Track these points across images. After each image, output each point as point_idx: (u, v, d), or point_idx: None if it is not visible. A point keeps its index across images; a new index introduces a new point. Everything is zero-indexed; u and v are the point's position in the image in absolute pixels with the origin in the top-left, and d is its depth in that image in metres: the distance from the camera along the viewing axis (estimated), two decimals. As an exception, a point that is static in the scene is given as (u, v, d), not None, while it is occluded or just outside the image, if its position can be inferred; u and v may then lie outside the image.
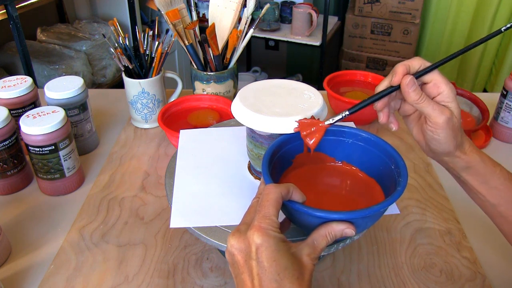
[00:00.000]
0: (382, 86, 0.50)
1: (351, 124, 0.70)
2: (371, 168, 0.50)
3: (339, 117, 0.47)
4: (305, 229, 0.43)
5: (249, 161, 0.60)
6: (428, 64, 0.48)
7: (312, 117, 0.49)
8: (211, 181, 0.58)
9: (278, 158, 0.49)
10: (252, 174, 0.59)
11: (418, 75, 0.48)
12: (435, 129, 0.48)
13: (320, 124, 0.48)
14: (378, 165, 0.48)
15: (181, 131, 0.67)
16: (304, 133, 0.48)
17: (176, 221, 0.52)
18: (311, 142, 0.48)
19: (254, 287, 0.37)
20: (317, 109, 0.51)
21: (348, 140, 0.50)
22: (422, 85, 0.49)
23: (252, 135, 0.54)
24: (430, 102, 0.47)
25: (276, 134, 0.51)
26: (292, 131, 0.49)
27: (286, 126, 0.49)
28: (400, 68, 0.48)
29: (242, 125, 0.52)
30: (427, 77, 0.48)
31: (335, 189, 0.51)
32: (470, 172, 0.51)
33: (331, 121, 0.48)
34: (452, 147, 0.49)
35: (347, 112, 0.47)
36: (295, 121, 0.49)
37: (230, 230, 0.51)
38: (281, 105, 0.51)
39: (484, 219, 0.69)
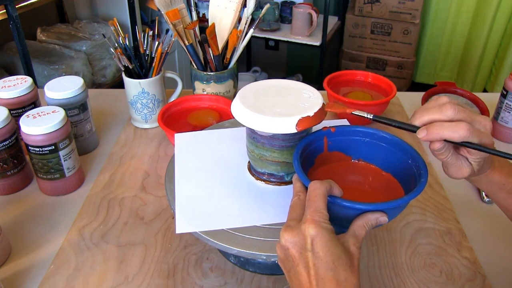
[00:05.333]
0: (424, 118, 0.44)
1: (345, 121, 0.70)
2: (387, 165, 0.53)
3: (364, 114, 0.49)
4: (341, 222, 0.46)
5: (249, 162, 0.60)
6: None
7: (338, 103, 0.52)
8: (211, 184, 0.58)
9: (303, 159, 0.51)
10: (253, 175, 0.59)
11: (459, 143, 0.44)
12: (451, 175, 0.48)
13: (347, 111, 0.50)
14: (394, 161, 0.51)
15: (176, 134, 0.67)
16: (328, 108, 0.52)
17: (182, 227, 0.51)
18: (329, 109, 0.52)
19: (310, 277, 0.39)
20: (317, 109, 0.50)
21: (364, 139, 0.53)
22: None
23: (253, 135, 0.54)
24: (453, 160, 0.46)
25: (279, 134, 0.51)
26: (295, 130, 0.49)
27: (287, 126, 0.49)
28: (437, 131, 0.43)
29: (238, 126, 0.52)
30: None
31: (358, 184, 0.53)
32: (495, 187, 0.51)
33: (356, 112, 0.49)
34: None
35: (371, 116, 0.48)
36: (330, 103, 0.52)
37: (232, 231, 0.51)
38: (281, 105, 0.51)
39: (484, 219, 0.69)
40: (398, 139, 0.51)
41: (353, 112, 0.49)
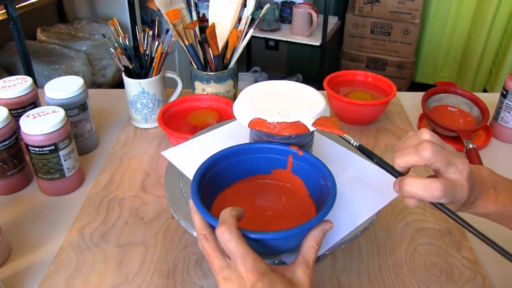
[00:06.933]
0: (401, 163, 0.43)
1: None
2: (315, 193, 0.50)
3: (351, 140, 0.47)
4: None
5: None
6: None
7: (329, 120, 0.50)
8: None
9: (253, 164, 0.51)
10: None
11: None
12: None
13: (336, 131, 0.48)
14: (317, 185, 0.49)
15: (162, 152, 0.64)
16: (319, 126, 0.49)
17: (168, 154, 0.59)
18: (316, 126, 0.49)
19: None
20: (319, 110, 0.50)
21: (322, 183, 0.49)
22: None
23: (254, 137, 0.54)
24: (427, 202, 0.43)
25: (277, 136, 0.51)
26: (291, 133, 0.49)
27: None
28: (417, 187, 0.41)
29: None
30: None
31: (272, 205, 0.52)
32: (491, 217, 0.48)
33: (345, 135, 0.47)
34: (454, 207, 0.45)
35: (358, 144, 0.46)
36: (315, 119, 0.49)
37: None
38: (283, 107, 0.51)
39: (484, 219, 0.69)
40: (315, 160, 0.49)
41: (341, 136, 0.47)
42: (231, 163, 0.51)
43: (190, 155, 0.60)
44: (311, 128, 0.49)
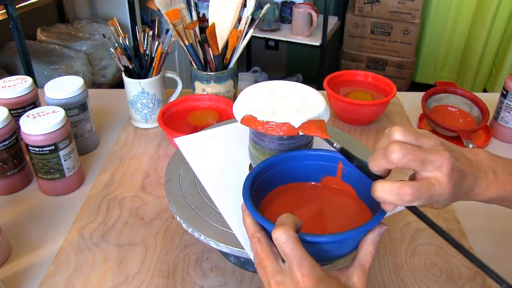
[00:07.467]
0: (373, 167, 0.41)
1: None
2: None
3: (334, 143, 0.45)
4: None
5: (250, 164, 0.60)
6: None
7: (315, 123, 0.49)
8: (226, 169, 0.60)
9: (302, 171, 0.49)
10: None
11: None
12: None
13: (319, 134, 0.47)
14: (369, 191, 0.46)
15: (175, 139, 0.66)
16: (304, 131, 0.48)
17: (181, 142, 0.61)
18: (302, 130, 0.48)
19: None
20: (320, 111, 0.50)
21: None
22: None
23: (254, 138, 0.54)
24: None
25: (276, 137, 0.51)
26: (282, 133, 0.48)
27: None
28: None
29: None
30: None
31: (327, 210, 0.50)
32: (494, 202, 0.45)
33: (329, 138, 0.46)
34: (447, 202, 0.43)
35: (340, 147, 0.45)
36: (302, 122, 0.48)
37: (229, 230, 0.51)
38: (280, 107, 0.51)
39: (484, 219, 0.69)
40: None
41: (324, 139, 0.46)
42: (280, 170, 0.50)
43: (200, 148, 0.62)
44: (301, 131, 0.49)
